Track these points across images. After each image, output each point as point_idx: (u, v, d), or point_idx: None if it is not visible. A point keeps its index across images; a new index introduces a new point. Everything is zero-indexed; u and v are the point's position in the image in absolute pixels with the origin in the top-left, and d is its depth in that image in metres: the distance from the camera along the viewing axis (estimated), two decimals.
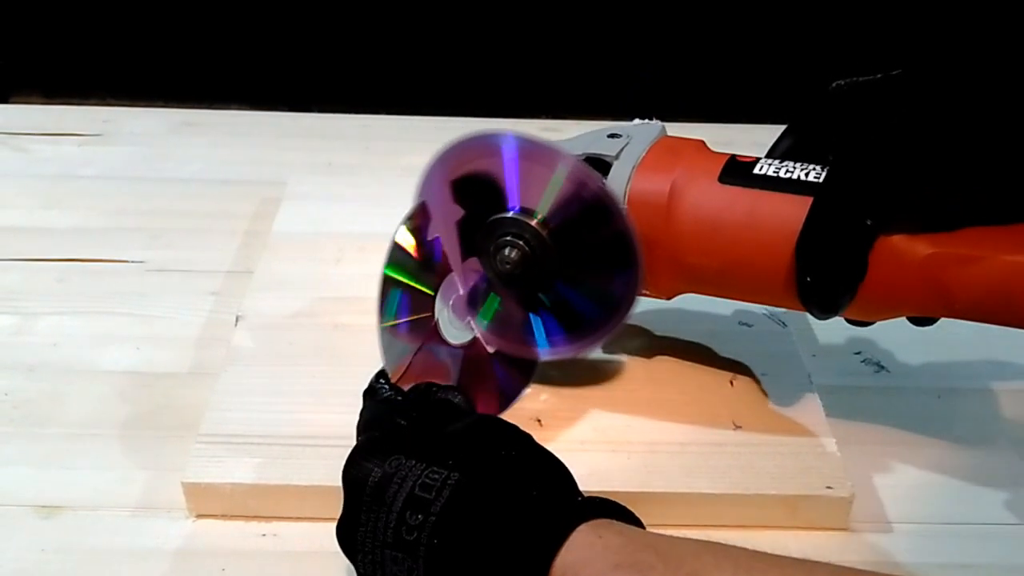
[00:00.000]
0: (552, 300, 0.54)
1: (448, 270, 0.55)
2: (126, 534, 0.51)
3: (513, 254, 0.52)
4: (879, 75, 0.50)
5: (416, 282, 0.54)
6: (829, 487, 0.52)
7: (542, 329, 0.55)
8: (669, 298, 0.54)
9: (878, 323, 0.52)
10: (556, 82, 0.98)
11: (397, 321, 0.54)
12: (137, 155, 0.85)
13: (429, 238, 0.54)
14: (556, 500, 0.42)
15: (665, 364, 0.59)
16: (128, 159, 0.84)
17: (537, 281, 0.53)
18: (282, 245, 0.70)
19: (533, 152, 0.50)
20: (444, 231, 0.54)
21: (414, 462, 0.42)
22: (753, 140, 0.87)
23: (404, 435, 0.45)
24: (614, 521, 0.41)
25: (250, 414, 0.55)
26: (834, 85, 0.51)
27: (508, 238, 0.52)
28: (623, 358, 0.60)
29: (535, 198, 0.51)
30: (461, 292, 0.55)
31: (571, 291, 0.53)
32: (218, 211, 0.77)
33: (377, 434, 0.46)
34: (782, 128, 0.53)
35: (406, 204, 0.55)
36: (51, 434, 0.57)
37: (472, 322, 0.56)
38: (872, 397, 0.61)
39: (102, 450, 0.56)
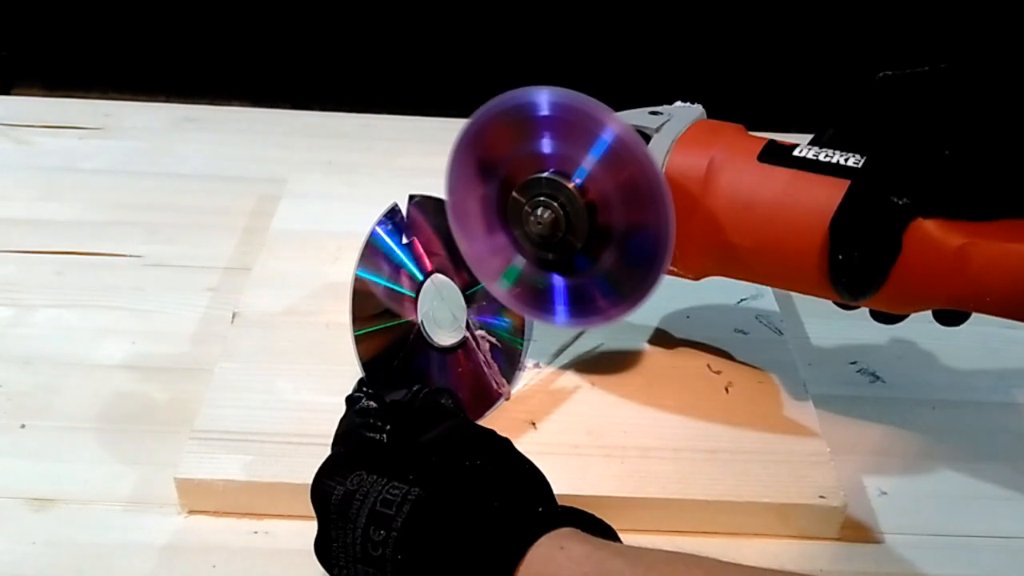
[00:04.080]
0: (578, 268, 0.53)
1: (429, 270, 0.54)
2: (118, 528, 0.51)
3: (546, 215, 0.51)
4: (926, 68, 0.49)
5: (394, 285, 0.54)
6: (822, 496, 0.52)
7: (564, 297, 0.54)
8: (697, 278, 0.54)
9: (874, 334, 0.52)
10: (556, 81, 0.98)
11: (375, 327, 0.53)
12: (138, 149, 0.85)
13: (405, 240, 0.54)
14: (516, 512, 0.42)
15: (660, 370, 0.59)
16: (129, 153, 0.84)
17: (566, 246, 0.52)
18: (280, 243, 0.70)
19: (578, 109, 0.49)
20: (465, 209, 0.53)
21: (375, 477, 0.42)
22: None
23: (368, 451, 0.45)
24: (578, 531, 0.41)
25: (244, 411, 0.55)
26: (880, 75, 0.50)
27: (542, 199, 0.51)
28: (619, 360, 0.60)
29: (575, 159, 0.50)
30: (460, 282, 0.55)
31: (598, 261, 0.52)
32: (217, 207, 0.77)
33: (342, 450, 0.46)
34: (783, 136, 0.53)
35: (404, 203, 0.55)
36: (45, 427, 0.57)
37: (468, 320, 0.56)
38: (867, 407, 0.61)
39: (96, 444, 0.56)
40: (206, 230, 0.75)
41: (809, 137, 0.51)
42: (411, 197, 0.54)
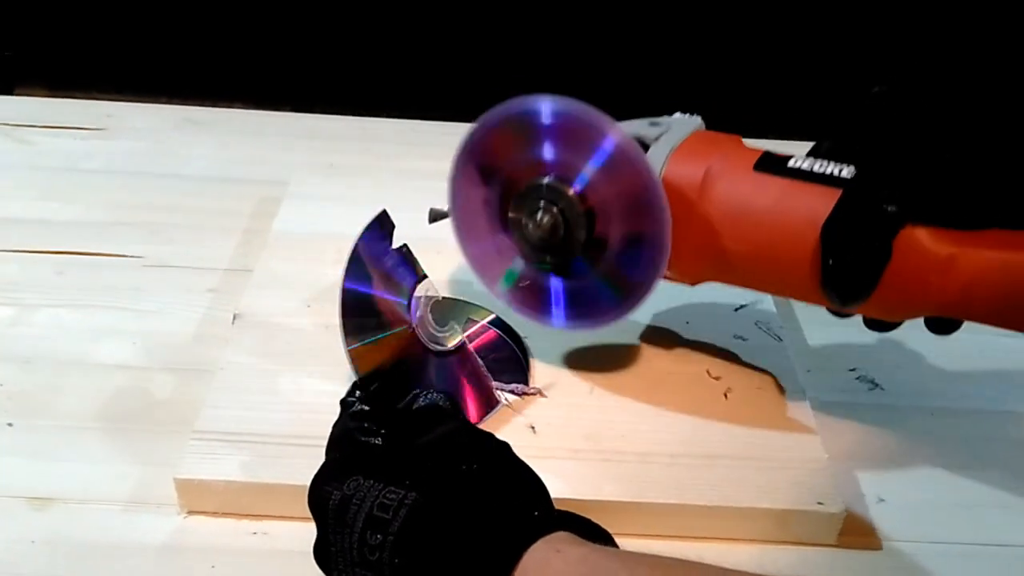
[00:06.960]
0: (576, 272, 0.54)
1: (421, 275, 0.54)
2: (117, 528, 0.51)
3: (545, 220, 0.52)
4: (918, 81, 0.51)
5: (385, 293, 0.54)
6: (820, 503, 0.52)
7: (562, 300, 0.55)
8: (693, 284, 0.55)
9: (874, 340, 0.52)
10: (557, 86, 0.98)
11: (370, 338, 0.52)
12: (139, 150, 0.85)
13: (394, 246, 0.54)
14: (512, 516, 0.42)
15: (660, 375, 0.59)
16: (130, 154, 0.84)
17: (564, 250, 0.53)
18: (281, 244, 0.70)
19: (580, 118, 0.50)
20: (467, 212, 0.54)
21: (372, 482, 0.42)
22: None
23: (364, 455, 0.45)
24: (573, 535, 0.41)
25: (245, 412, 0.55)
26: (875, 89, 0.51)
27: (541, 203, 0.52)
28: (620, 366, 0.60)
29: (576, 167, 0.51)
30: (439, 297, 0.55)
31: (596, 265, 0.53)
32: (218, 209, 0.77)
33: (337, 455, 0.46)
34: (784, 143, 0.54)
35: (405, 206, 0.56)
36: (45, 426, 0.57)
37: (455, 326, 0.56)
38: (866, 414, 0.61)
39: (95, 444, 0.56)
40: (207, 231, 0.75)
41: (806, 146, 0.52)
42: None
